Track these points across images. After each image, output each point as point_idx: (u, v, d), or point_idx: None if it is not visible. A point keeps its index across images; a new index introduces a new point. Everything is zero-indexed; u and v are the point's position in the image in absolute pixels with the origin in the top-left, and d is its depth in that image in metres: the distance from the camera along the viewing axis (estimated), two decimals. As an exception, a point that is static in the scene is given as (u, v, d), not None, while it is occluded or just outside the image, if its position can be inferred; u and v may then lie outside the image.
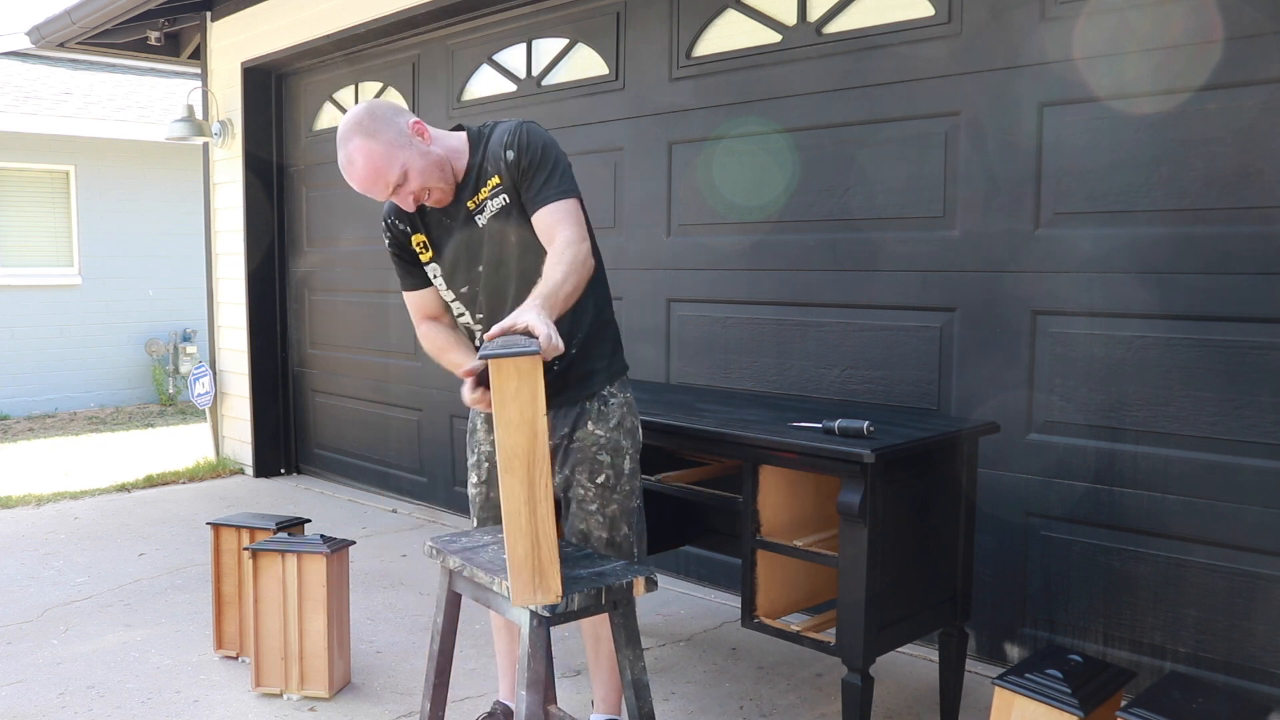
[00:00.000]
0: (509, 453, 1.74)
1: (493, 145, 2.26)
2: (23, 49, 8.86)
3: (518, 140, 2.21)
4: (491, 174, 2.25)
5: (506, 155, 2.22)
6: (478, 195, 2.26)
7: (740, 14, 3.73)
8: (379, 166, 2.16)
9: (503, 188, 2.24)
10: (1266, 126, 2.59)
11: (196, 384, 6.55)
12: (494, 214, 2.26)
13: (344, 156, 2.20)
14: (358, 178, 2.19)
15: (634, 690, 2.02)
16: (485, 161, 2.26)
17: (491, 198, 2.25)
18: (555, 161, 2.22)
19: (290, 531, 3.23)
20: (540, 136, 2.23)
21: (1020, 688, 2.07)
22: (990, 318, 3.11)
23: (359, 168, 2.18)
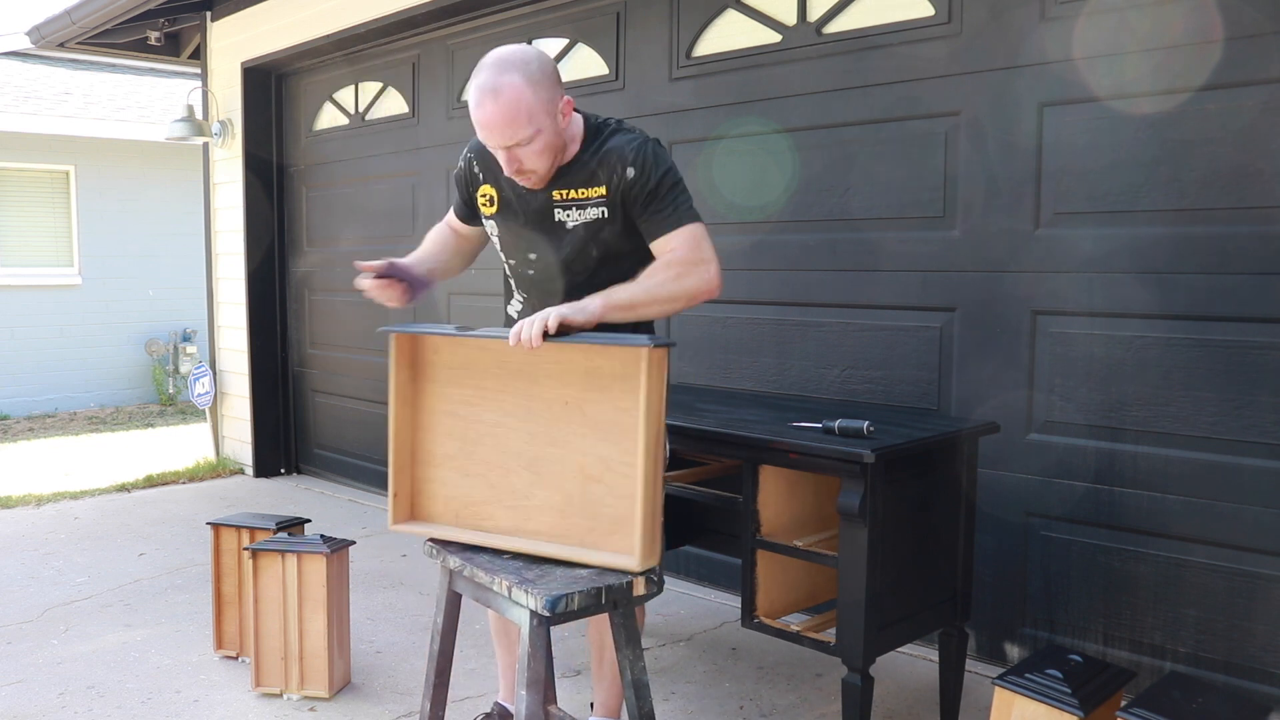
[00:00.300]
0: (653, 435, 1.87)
1: (610, 151, 2.13)
2: (23, 49, 8.86)
3: (642, 160, 2.11)
4: (600, 181, 2.14)
5: (626, 173, 2.11)
6: (571, 191, 2.15)
7: (740, 14, 3.73)
8: (519, 115, 1.98)
9: (606, 201, 2.14)
10: (1266, 126, 2.59)
11: (196, 384, 6.55)
12: (585, 222, 2.16)
13: (490, 82, 1.98)
14: (493, 111, 1.99)
15: (634, 690, 2.02)
16: (596, 165, 2.14)
17: (589, 205, 2.15)
18: (675, 186, 2.13)
19: (290, 531, 3.23)
20: (665, 161, 2.14)
21: (1020, 688, 2.07)
22: (990, 318, 3.11)
23: (502, 102, 1.97)
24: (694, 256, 2.08)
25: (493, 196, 2.27)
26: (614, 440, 1.93)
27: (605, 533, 1.98)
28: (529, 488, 2.03)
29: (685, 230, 2.11)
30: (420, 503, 2.14)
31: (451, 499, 2.11)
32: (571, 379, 1.95)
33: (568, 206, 2.17)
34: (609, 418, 1.93)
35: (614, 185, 2.13)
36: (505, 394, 2.01)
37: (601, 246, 2.19)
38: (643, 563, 1.91)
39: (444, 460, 2.10)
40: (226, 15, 6.09)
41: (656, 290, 2.03)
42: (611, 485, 1.95)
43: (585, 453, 1.96)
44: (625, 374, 1.89)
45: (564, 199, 2.17)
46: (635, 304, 2.01)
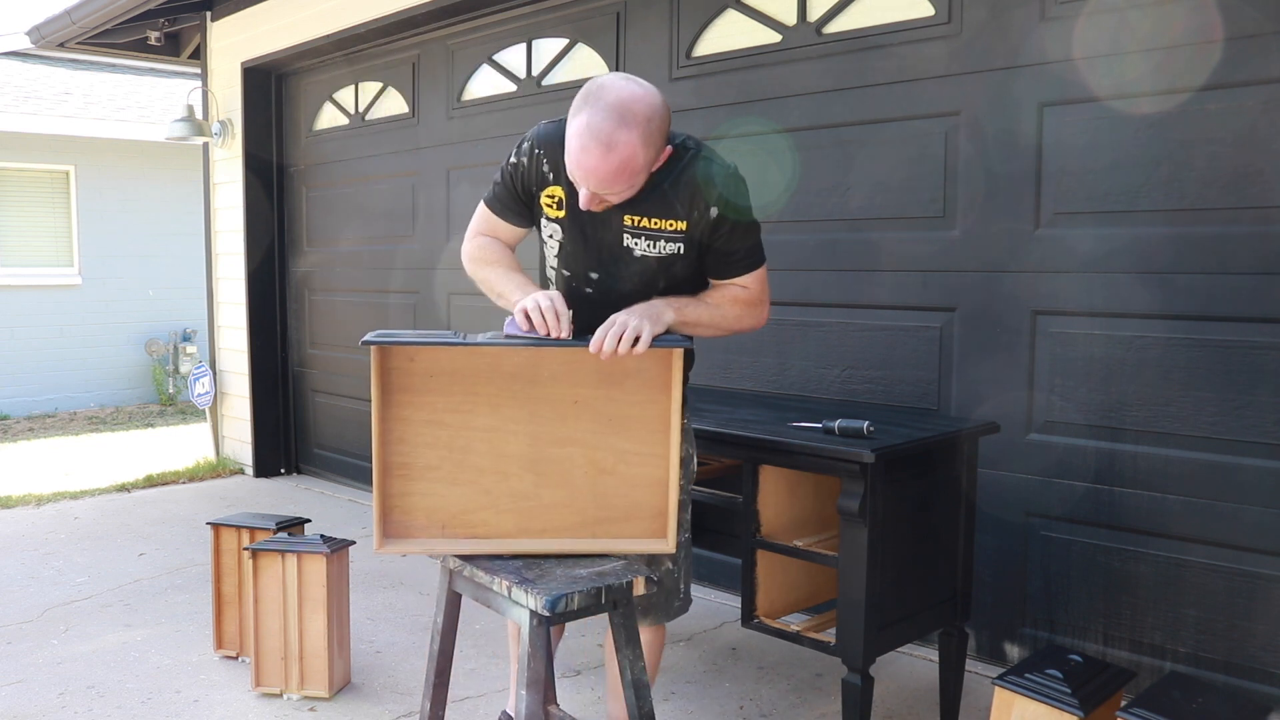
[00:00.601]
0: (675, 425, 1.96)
1: (690, 182, 2.01)
2: (23, 49, 8.86)
3: (727, 201, 2.02)
4: (680, 215, 2.02)
5: (709, 212, 2.01)
6: (645, 219, 2.03)
7: (740, 14, 3.73)
8: (623, 174, 1.88)
9: (683, 237, 2.04)
10: (1266, 126, 2.59)
11: (196, 384, 6.55)
12: (657, 255, 2.06)
13: (605, 132, 1.84)
14: (601, 165, 1.86)
15: (634, 690, 2.02)
16: (675, 195, 2.02)
17: (664, 238, 2.04)
18: (754, 228, 2.10)
19: (290, 531, 3.23)
20: (746, 197, 2.07)
21: (1020, 688, 2.07)
22: (990, 318, 3.11)
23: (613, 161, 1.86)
24: (761, 298, 2.16)
25: (562, 199, 2.09)
26: (629, 433, 1.98)
27: (619, 521, 2.01)
28: (533, 489, 2.02)
29: (758, 274, 2.14)
30: (398, 519, 2.04)
31: (436, 511, 2.04)
32: (582, 378, 1.97)
33: (638, 234, 2.05)
34: (624, 412, 1.97)
35: (694, 221, 2.03)
36: (503, 397, 1.99)
37: (670, 279, 2.11)
38: (674, 544, 2.02)
39: (425, 471, 2.03)
40: (226, 15, 6.09)
41: (720, 321, 2.12)
42: (625, 476, 2.00)
43: (598, 447, 2.00)
44: (641, 369, 1.95)
45: (635, 225, 2.05)
46: (700, 325, 2.07)
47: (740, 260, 2.11)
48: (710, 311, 2.11)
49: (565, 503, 2.02)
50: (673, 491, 1.98)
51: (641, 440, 1.98)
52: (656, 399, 1.97)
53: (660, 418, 1.98)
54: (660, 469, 1.99)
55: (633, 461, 1.99)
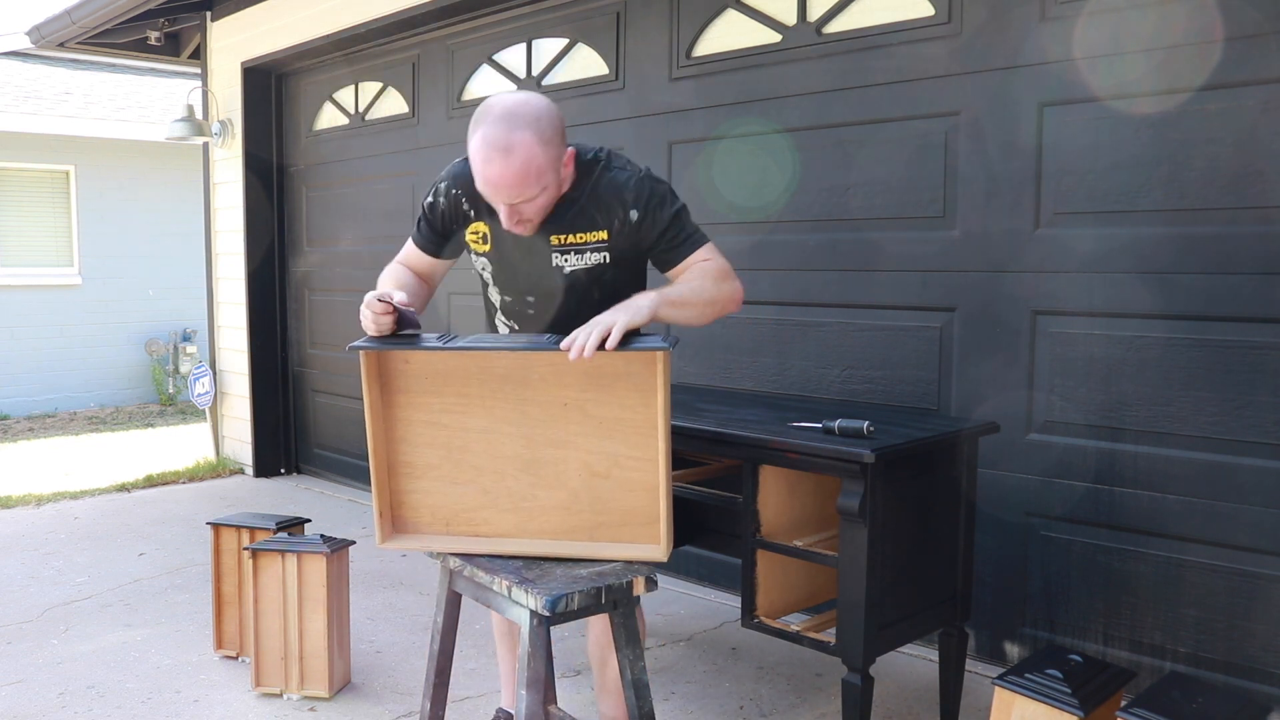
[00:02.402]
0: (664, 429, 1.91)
1: (607, 192, 2.08)
2: (23, 49, 8.86)
3: (644, 201, 2.08)
4: (600, 226, 2.09)
5: (629, 216, 2.08)
6: (569, 235, 2.10)
7: (740, 14, 3.73)
8: (529, 175, 1.94)
9: (606, 246, 2.11)
10: (1266, 126, 2.59)
11: (196, 384, 6.55)
12: (585, 267, 2.13)
13: (500, 139, 1.91)
14: (503, 171, 1.93)
15: (634, 690, 2.02)
16: (592, 206, 2.09)
17: (588, 249, 2.11)
18: (681, 214, 2.12)
19: (290, 531, 3.23)
20: (663, 193, 2.11)
21: (1020, 688, 2.07)
22: (990, 318, 3.11)
23: (514, 164, 1.92)
24: (725, 268, 2.13)
25: (486, 234, 2.19)
26: (621, 437, 1.94)
27: (616, 526, 1.99)
28: (529, 489, 2.02)
29: (706, 248, 2.14)
30: (405, 516, 2.09)
31: (439, 509, 2.07)
32: (569, 380, 1.95)
33: (565, 251, 2.12)
34: (614, 415, 1.94)
35: (615, 229, 2.09)
36: (494, 399, 1.99)
37: (606, 289, 2.16)
38: (667, 553, 1.97)
39: (426, 470, 2.06)
40: (226, 15, 6.09)
41: (703, 293, 2.05)
42: (620, 480, 1.97)
43: (591, 450, 1.97)
44: (629, 372, 1.91)
45: (562, 244, 2.12)
46: (686, 301, 2.03)
47: (684, 244, 2.12)
48: (689, 288, 2.06)
49: (563, 505, 2.01)
50: (664, 497, 1.94)
51: (634, 444, 1.94)
52: (648, 402, 1.93)
53: (651, 421, 1.94)
54: (653, 474, 1.95)
55: (626, 466, 1.96)
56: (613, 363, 1.90)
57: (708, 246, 2.15)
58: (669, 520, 1.95)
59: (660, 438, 1.90)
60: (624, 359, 1.89)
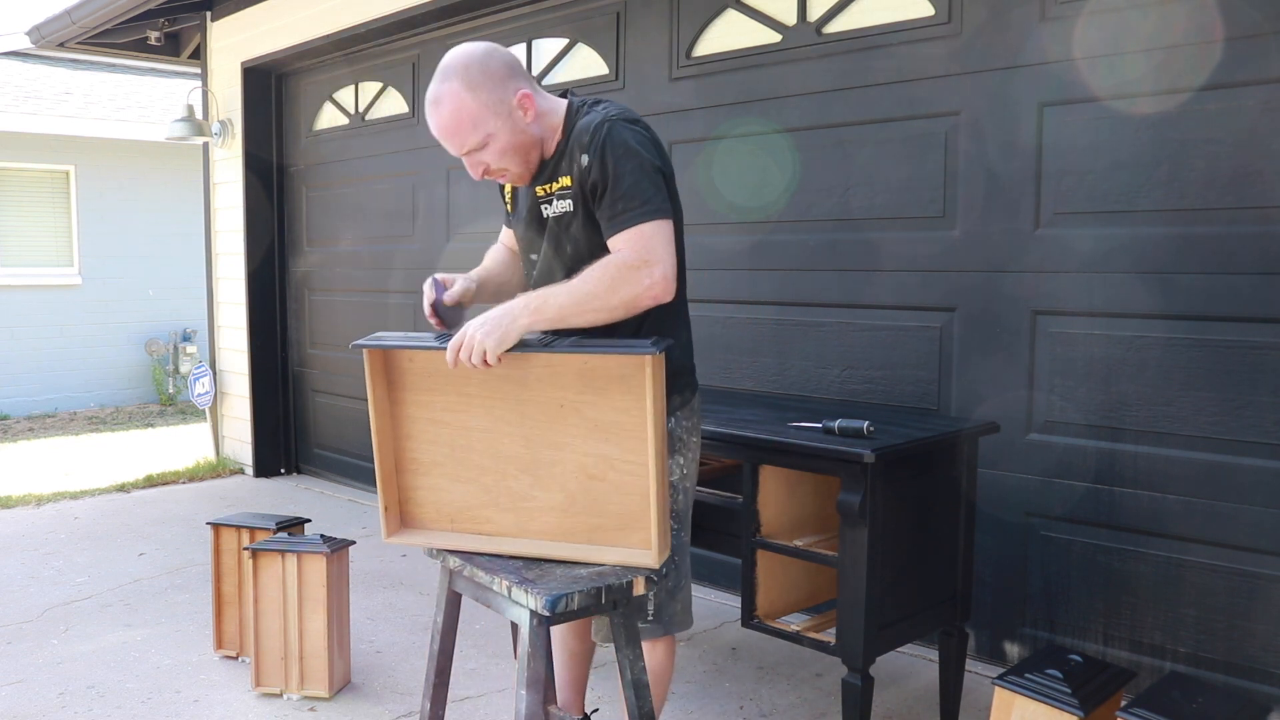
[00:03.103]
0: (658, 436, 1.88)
1: (574, 137, 1.98)
2: (23, 49, 8.86)
3: (598, 145, 1.91)
4: (565, 171, 2.00)
5: (580, 160, 1.95)
6: (549, 185, 2.05)
7: (740, 14, 3.73)
8: (462, 123, 1.93)
9: (570, 192, 2.01)
10: (1266, 126, 2.59)
11: (196, 384, 6.55)
12: (557, 215, 2.05)
13: (433, 92, 1.94)
14: (436, 124, 1.96)
15: (634, 690, 2.02)
16: (565, 152, 2.02)
17: (559, 197, 2.03)
18: (632, 175, 1.89)
19: (290, 531, 3.23)
20: (622, 144, 1.91)
21: (1020, 688, 2.07)
22: (990, 318, 3.11)
23: (443, 113, 1.94)
24: (636, 259, 1.86)
25: (509, 195, 2.22)
26: (616, 440, 1.92)
27: (613, 529, 1.98)
28: (528, 489, 2.02)
29: (634, 231, 1.88)
30: (411, 511, 2.12)
31: (444, 505, 2.09)
32: (566, 381, 1.94)
33: (548, 201, 2.06)
34: (609, 418, 1.92)
35: (575, 175, 1.97)
36: (494, 399, 2.00)
37: (572, 242, 2.03)
38: (659, 560, 1.94)
39: (431, 467, 2.08)
40: (226, 15, 6.09)
41: (587, 301, 1.86)
42: (617, 484, 1.95)
43: (586, 453, 1.96)
44: (623, 374, 1.89)
45: (546, 193, 2.06)
46: (565, 317, 1.86)
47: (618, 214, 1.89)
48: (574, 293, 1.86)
49: (560, 506, 2.01)
50: (655, 504, 1.90)
51: (628, 448, 1.92)
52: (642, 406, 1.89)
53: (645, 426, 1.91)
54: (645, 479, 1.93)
55: (622, 469, 1.94)
56: (606, 365, 1.89)
57: (642, 228, 1.88)
58: (661, 526, 1.93)
59: (650, 443, 1.87)
60: (617, 361, 1.87)
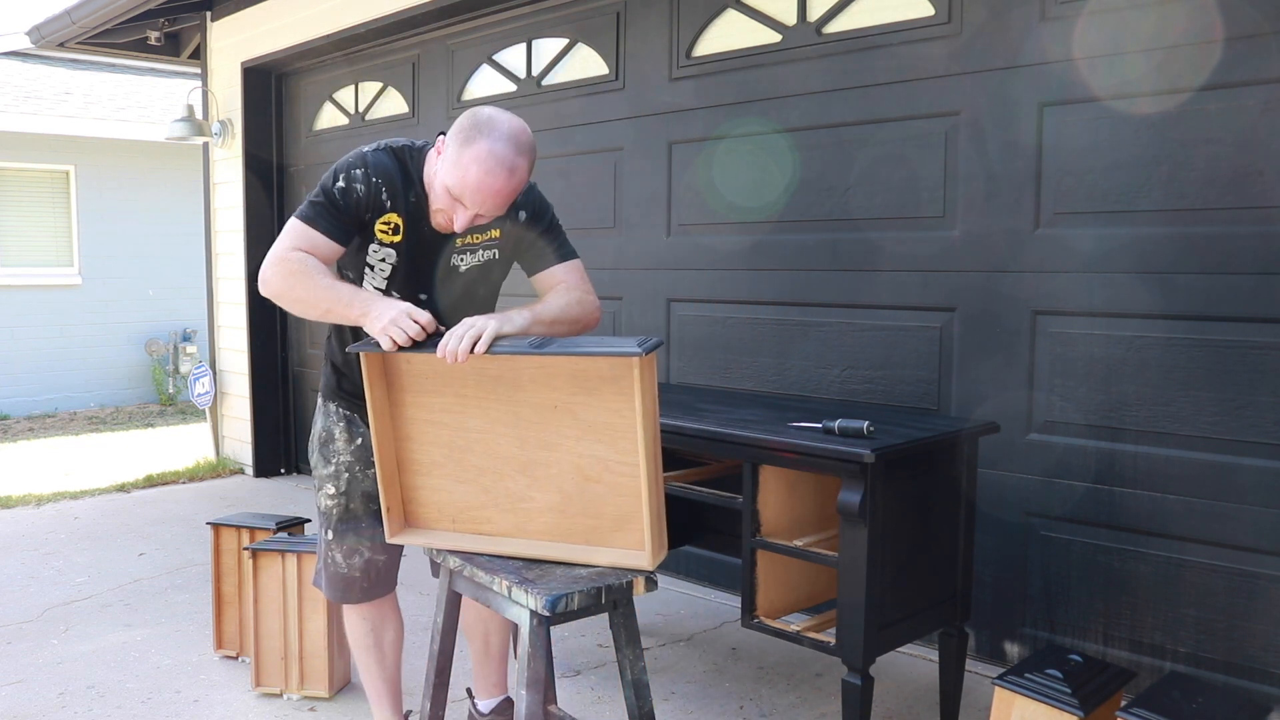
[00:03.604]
0: (650, 437, 1.89)
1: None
2: (23, 49, 8.86)
3: (533, 204, 2.27)
4: (494, 226, 2.24)
5: (519, 215, 2.25)
6: (471, 236, 2.23)
7: (740, 14, 3.73)
8: (514, 196, 2.11)
9: (498, 244, 2.27)
10: (1266, 126, 2.59)
11: (196, 384, 6.55)
12: (478, 264, 2.27)
13: (510, 160, 2.03)
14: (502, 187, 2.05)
15: (634, 690, 2.02)
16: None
17: (481, 248, 2.26)
18: (559, 227, 2.33)
19: (290, 531, 3.23)
20: (546, 202, 2.32)
21: (1020, 688, 2.07)
22: (990, 318, 3.11)
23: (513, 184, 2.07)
24: (587, 287, 2.29)
25: (398, 225, 2.21)
26: (609, 441, 1.92)
27: (609, 530, 1.98)
28: (526, 490, 2.02)
29: (574, 264, 2.31)
30: (414, 511, 2.14)
31: (445, 505, 2.10)
32: (558, 383, 1.94)
33: (464, 251, 2.25)
34: (602, 419, 1.92)
35: (506, 229, 2.26)
36: (489, 400, 2.00)
37: (488, 287, 2.34)
38: (653, 561, 1.93)
39: (432, 468, 2.09)
40: (226, 15, 6.09)
41: (567, 310, 2.20)
42: (612, 485, 1.95)
43: (581, 454, 1.96)
44: (614, 376, 1.88)
45: (465, 244, 2.24)
46: (556, 320, 2.16)
47: (555, 252, 2.30)
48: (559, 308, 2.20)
49: (557, 507, 2.01)
50: (648, 505, 1.91)
51: (622, 449, 1.92)
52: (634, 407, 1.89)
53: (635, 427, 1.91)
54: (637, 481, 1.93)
55: (617, 471, 1.94)
56: (597, 366, 1.88)
57: (578, 263, 2.33)
58: (655, 528, 1.92)
59: (640, 444, 1.86)
60: (608, 363, 1.87)
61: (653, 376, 1.87)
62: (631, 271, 4.11)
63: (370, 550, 2.37)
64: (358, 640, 2.49)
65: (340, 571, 2.39)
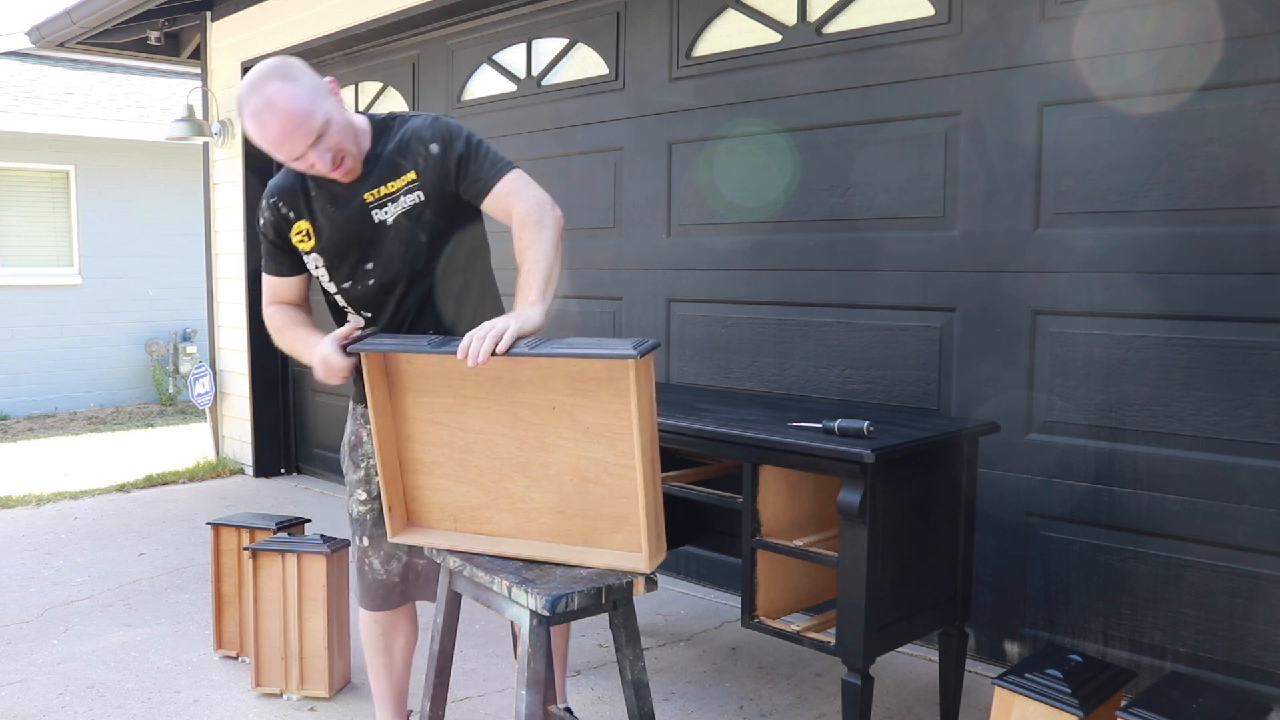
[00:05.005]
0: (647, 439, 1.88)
1: (407, 138, 2.16)
2: (23, 49, 8.86)
3: (442, 134, 2.16)
4: (406, 169, 2.16)
5: (430, 149, 2.15)
6: (381, 188, 2.16)
7: (740, 14, 3.73)
8: (304, 110, 1.98)
9: (418, 184, 2.17)
10: (1266, 126, 2.59)
11: (196, 384, 6.55)
12: (404, 211, 2.18)
13: (259, 102, 1.98)
14: (276, 124, 1.98)
15: (634, 690, 2.02)
16: (396, 154, 2.16)
17: (400, 194, 2.17)
18: (481, 144, 2.19)
19: (290, 531, 3.23)
20: (460, 127, 2.20)
21: (1020, 688, 2.07)
22: (990, 318, 3.11)
23: (279, 111, 1.97)
24: (534, 200, 2.11)
25: (308, 230, 2.23)
26: (607, 443, 1.92)
27: (608, 532, 1.98)
28: (525, 491, 2.02)
29: (514, 175, 2.15)
30: (416, 510, 2.14)
31: (447, 505, 2.11)
32: (556, 384, 1.93)
33: (383, 204, 2.17)
34: (599, 421, 1.92)
35: (422, 167, 2.16)
36: (488, 401, 2.00)
37: (427, 230, 2.20)
38: (651, 564, 1.93)
39: (433, 467, 2.09)
40: (226, 15, 6.09)
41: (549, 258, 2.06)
42: (610, 486, 1.94)
43: (579, 456, 1.96)
44: (611, 377, 1.88)
45: (377, 198, 2.17)
46: (550, 281, 2.05)
47: (485, 173, 2.15)
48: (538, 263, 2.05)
49: (556, 508, 2.01)
50: (644, 507, 1.90)
51: (620, 451, 1.91)
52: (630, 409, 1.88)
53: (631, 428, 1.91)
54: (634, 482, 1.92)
55: (615, 472, 1.93)
56: (593, 368, 1.87)
57: (516, 174, 2.16)
58: (652, 530, 1.92)
59: (636, 446, 1.85)
60: (605, 365, 1.86)
61: (650, 378, 1.86)
62: (631, 271, 4.11)
63: (409, 553, 2.35)
64: (369, 642, 2.48)
65: (379, 578, 2.36)
